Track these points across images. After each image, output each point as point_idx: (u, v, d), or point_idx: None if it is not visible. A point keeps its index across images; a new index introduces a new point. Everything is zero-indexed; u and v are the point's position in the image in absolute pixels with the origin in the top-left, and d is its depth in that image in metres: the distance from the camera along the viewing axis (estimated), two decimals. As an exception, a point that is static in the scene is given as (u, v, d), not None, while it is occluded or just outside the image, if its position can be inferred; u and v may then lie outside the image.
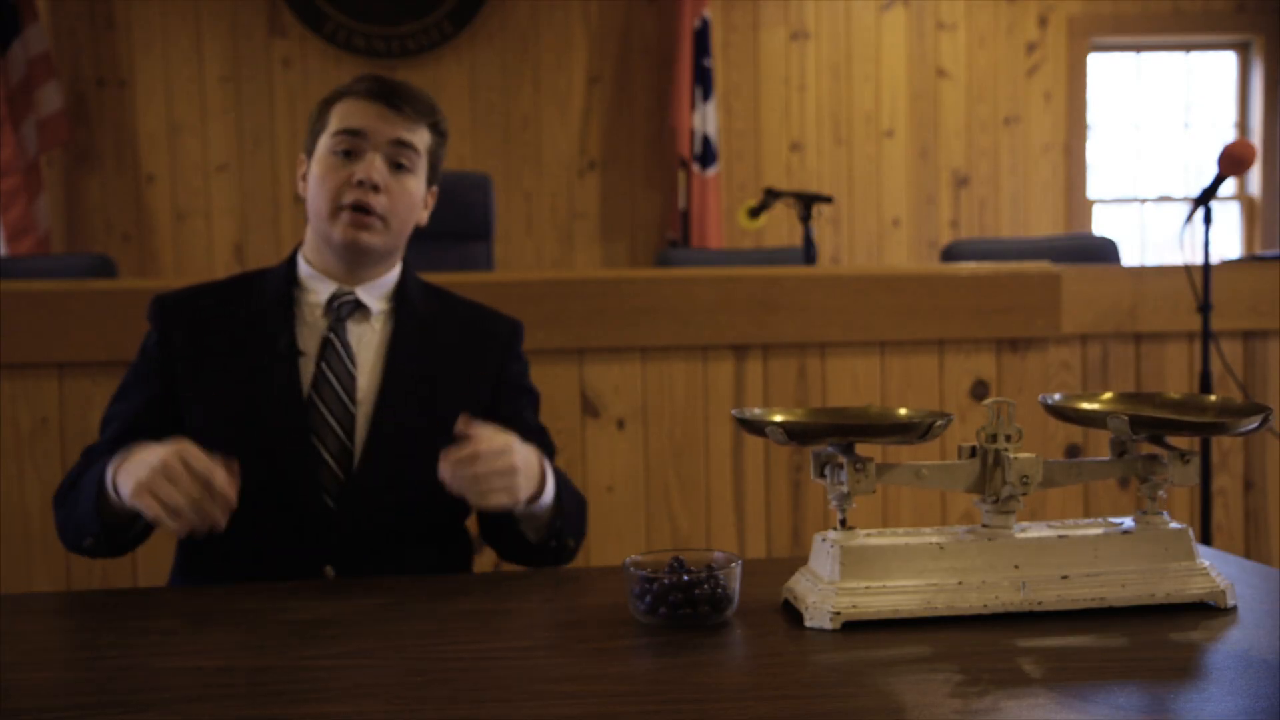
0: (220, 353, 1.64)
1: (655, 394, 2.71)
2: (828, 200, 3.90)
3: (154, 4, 5.15)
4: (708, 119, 5.16)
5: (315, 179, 1.65)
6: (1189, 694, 0.99)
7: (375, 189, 1.62)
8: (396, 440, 1.62)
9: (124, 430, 1.63)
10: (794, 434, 1.20)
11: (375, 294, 1.70)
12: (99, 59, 5.14)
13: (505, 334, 1.77)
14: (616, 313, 2.70)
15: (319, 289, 1.68)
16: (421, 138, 1.68)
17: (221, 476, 1.33)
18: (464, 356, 1.72)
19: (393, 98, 1.65)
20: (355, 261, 1.67)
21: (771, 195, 3.92)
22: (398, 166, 1.65)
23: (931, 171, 5.51)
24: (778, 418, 1.26)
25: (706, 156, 5.16)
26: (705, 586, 1.20)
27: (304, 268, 1.71)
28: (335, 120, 1.65)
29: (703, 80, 5.16)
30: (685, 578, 1.20)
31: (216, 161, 5.20)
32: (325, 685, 1.05)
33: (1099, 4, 5.57)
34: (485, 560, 2.67)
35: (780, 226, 5.26)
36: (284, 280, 1.70)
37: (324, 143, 1.66)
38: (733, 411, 1.29)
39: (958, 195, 5.52)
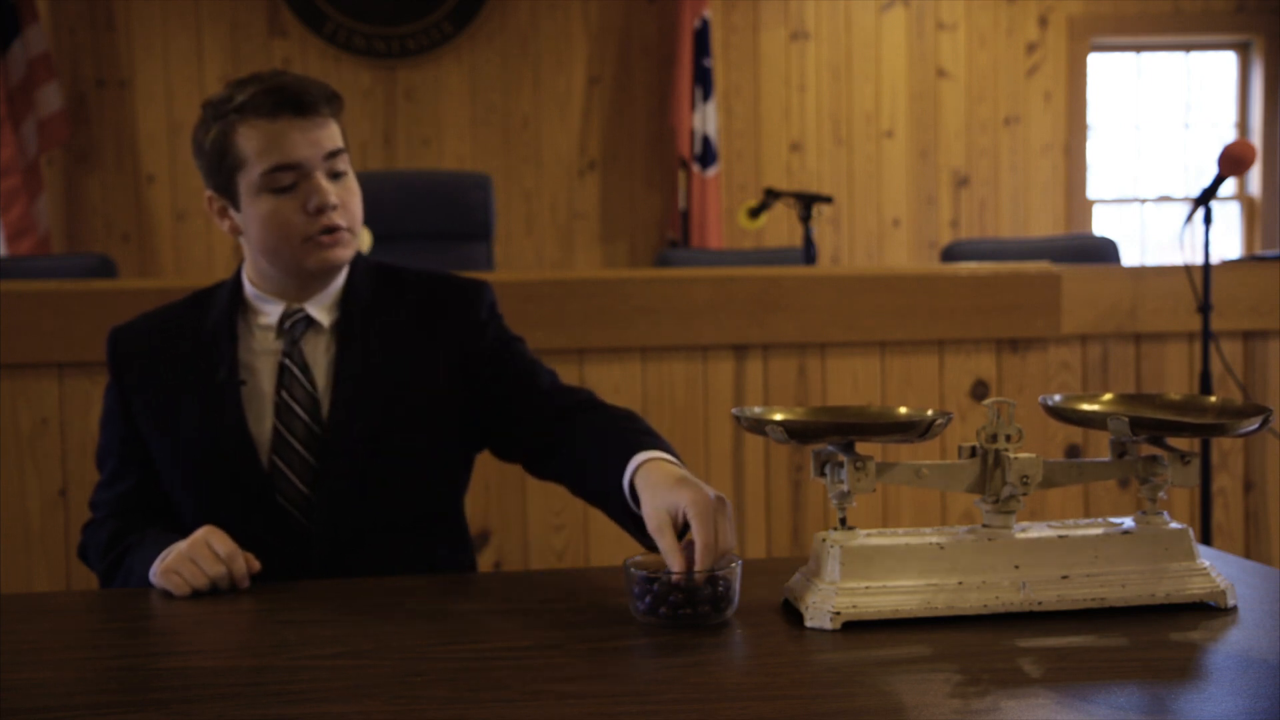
0: (169, 387, 1.62)
1: (655, 394, 2.71)
2: (828, 200, 3.91)
3: (154, 4, 5.15)
4: (708, 119, 5.16)
5: (262, 221, 1.57)
6: (1189, 694, 0.99)
7: (334, 208, 1.57)
8: (357, 451, 1.58)
9: (115, 481, 1.65)
10: (794, 433, 1.20)
11: (324, 304, 1.64)
12: (99, 59, 5.14)
13: (463, 301, 1.68)
14: (616, 313, 2.70)
15: (269, 310, 1.63)
16: (339, 133, 1.60)
17: (240, 567, 1.41)
18: (416, 339, 1.65)
19: (301, 105, 1.54)
20: (326, 279, 1.63)
21: (771, 195, 3.92)
22: (337, 175, 1.59)
23: (931, 171, 5.51)
24: (778, 416, 1.26)
25: (706, 156, 5.16)
26: (705, 586, 1.20)
27: (249, 288, 1.66)
28: (255, 155, 1.54)
29: (703, 80, 5.16)
30: (686, 578, 1.20)
31: (216, 161, 5.19)
32: (325, 685, 1.05)
33: (1099, 4, 5.57)
34: (486, 559, 2.67)
35: (780, 226, 5.26)
36: (228, 304, 1.65)
37: (252, 181, 1.55)
38: (733, 411, 1.29)
39: (958, 195, 5.53)
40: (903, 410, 1.28)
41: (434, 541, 1.67)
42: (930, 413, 1.23)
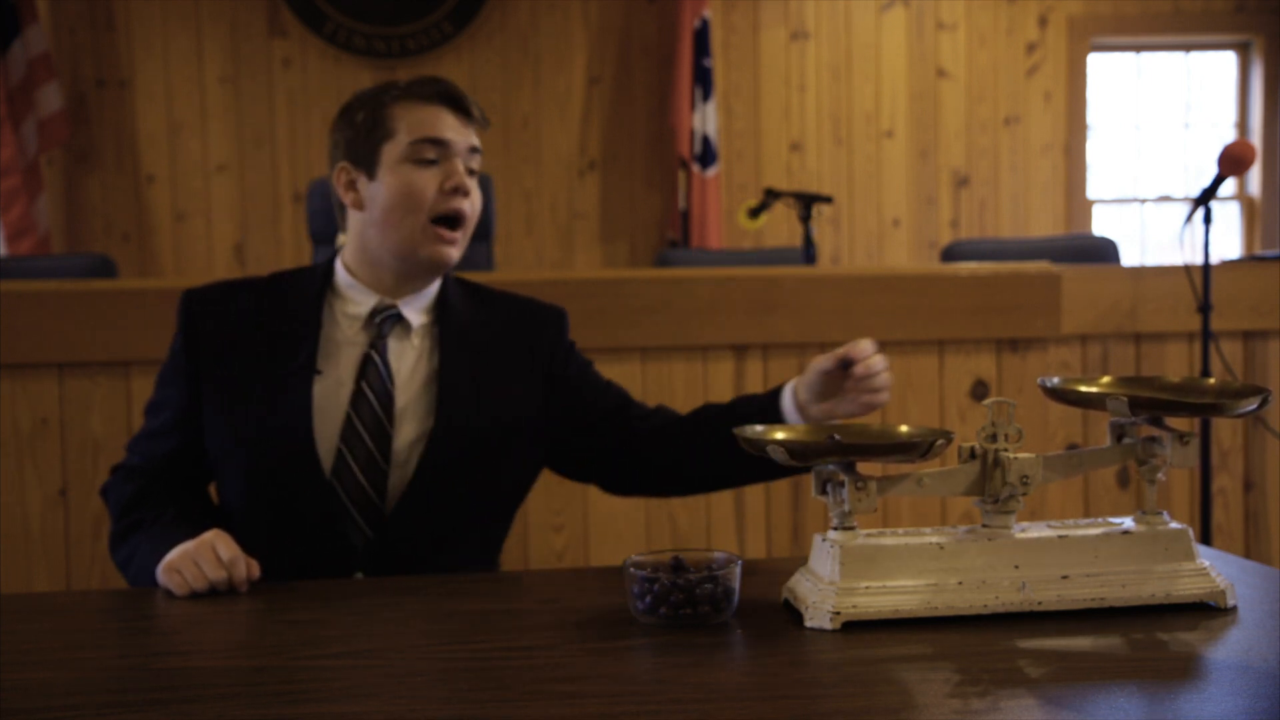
0: (242, 361, 1.60)
1: (655, 394, 2.71)
2: (828, 200, 3.91)
3: (154, 4, 5.15)
4: (708, 119, 5.16)
5: (395, 190, 1.59)
6: (1189, 694, 0.99)
7: (466, 195, 1.61)
8: (445, 464, 1.59)
9: (158, 436, 1.64)
10: (795, 453, 1.20)
11: (417, 306, 1.65)
12: (99, 59, 5.14)
13: (550, 326, 1.73)
14: (616, 313, 2.70)
15: (359, 300, 1.64)
16: (479, 145, 1.68)
17: (241, 572, 1.41)
18: (509, 359, 1.67)
19: (462, 103, 1.63)
20: (427, 277, 1.65)
21: (771, 195, 3.92)
22: (470, 173, 1.63)
23: (931, 171, 5.51)
24: (779, 435, 1.26)
25: (706, 156, 5.16)
26: (706, 586, 1.20)
27: (343, 276, 1.65)
28: (407, 128, 1.59)
29: (703, 80, 5.16)
30: (686, 578, 1.20)
31: (216, 161, 5.20)
32: (325, 685, 1.05)
33: (1099, 4, 5.57)
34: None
35: (780, 226, 5.26)
36: (319, 287, 1.65)
37: (398, 151, 1.59)
38: (733, 430, 1.28)
39: (958, 195, 5.53)
40: (903, 429, 1.28)
41: (478, 543, 1.68)
42: (931, 432, 1.23)
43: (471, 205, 1.63)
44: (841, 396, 1.56)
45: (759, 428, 1.28)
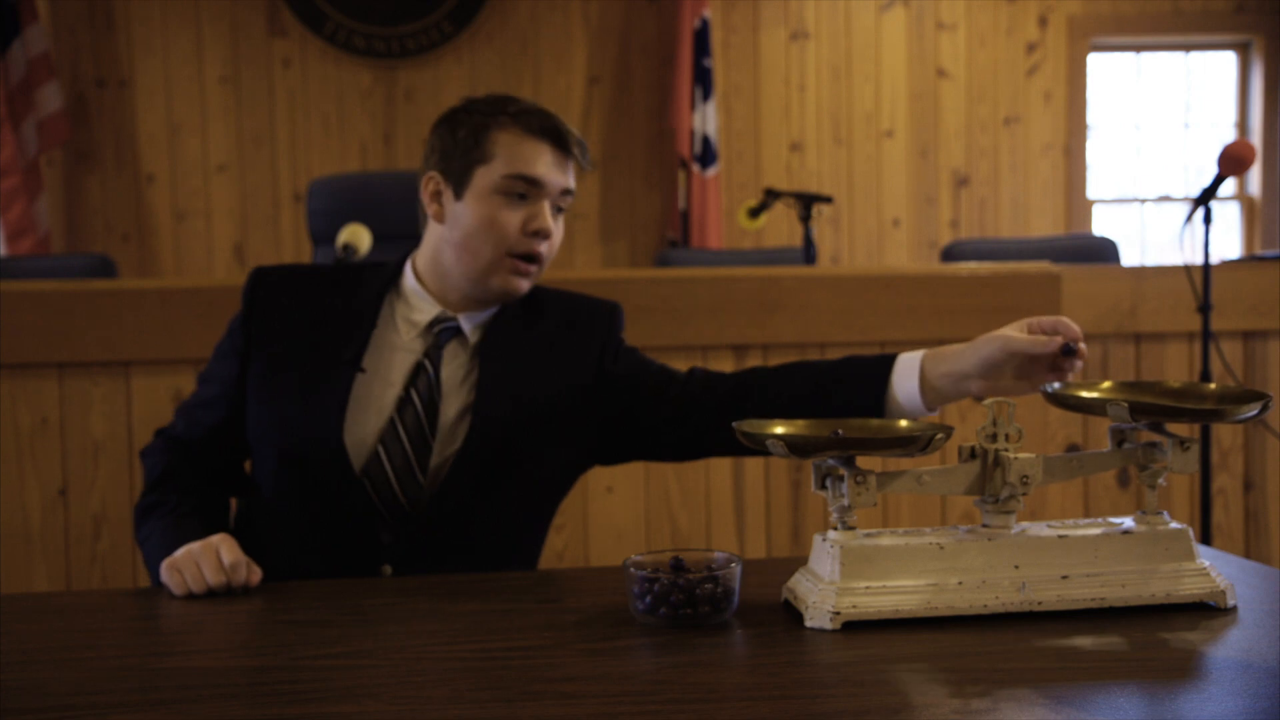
0: (293, 346, 1.61)
1: (655, 394, 2.70)
2: (828, 200, 3.91)
3: (154, 4, 5.15)
4: (708, 119, 5.17)
5: (478, 219, 1.59)
6: (1189, 694, 0.99)
7: (546, 239, 1.61)
8: (477, 479, 1.59)
9: (205, 407, 1.64)
10: (795, 447, 1.20)
11: (476, 322, 1.65)
12: (99, 59, 5.14)
13: (602, 324, 1.71)
14: (616, 313, 2.69)
15: (422, 308, 1.64)
16: (574, 183, 1.67)
17: (241, 577, 1.42)
18: (556, 367, 1.66)
19: (564, 142, 1.61)
20: (494, 302, 1.65)
21: (771, 195, 3.92)
22: (557, 210, 1.64)
23: (931, 171, 5.51)
24: (778, 430, 1.26)
25: (706, 156, 5.16)
26: (706, 586, 1.20)
27: (411, 280, 1.66)
28: (505, 159, 1.58)
29: (703, 80, 5.16)
30: (686, 578, 1.20)
31: (216, 161, 5.20)
32: (325, 685, 1.05)
33: (1099, 4, 5.57)
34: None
35: (780, 226, 5.26)
36: (383, 287, 1.65)
37: (490, 180, 1.58)
38: (733, 424, 1.28)
39: (958, 195, 5.53)
40: (903, 424, 1.28)
41: (511, 546, 1.68)
42: (931, 427, 1.23)
43: (550, 246, 1.63)
44: (1009, 377, 1.41)
45: (757, 422, 1.28)
